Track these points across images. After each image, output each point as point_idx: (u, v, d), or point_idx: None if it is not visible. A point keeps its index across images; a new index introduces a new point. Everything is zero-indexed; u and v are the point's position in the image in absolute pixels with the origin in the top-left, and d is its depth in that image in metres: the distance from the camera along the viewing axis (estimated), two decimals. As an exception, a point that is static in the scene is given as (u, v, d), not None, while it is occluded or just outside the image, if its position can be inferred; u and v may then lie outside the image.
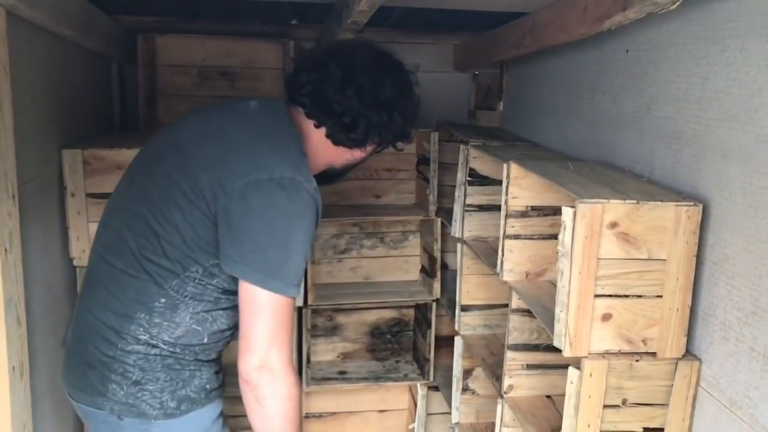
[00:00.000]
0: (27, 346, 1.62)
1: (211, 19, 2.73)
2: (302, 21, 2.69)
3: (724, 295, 1.36)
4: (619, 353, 1.43)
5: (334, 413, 2.99)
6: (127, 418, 1.47)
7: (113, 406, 1.46)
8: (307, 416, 2.92)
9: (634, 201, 1.37)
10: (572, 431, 1.44)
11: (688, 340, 1.44)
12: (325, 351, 2.97)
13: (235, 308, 1.51)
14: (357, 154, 1.62)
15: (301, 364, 2.72)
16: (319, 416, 2.98)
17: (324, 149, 1.57)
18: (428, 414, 2.89)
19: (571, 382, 1.44)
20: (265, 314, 1.37)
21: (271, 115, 1.53)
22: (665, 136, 1.59)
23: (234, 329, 1.56)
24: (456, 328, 2.41)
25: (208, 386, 1.53)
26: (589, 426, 1.43)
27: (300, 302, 2.63)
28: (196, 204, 1.39)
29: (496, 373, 2.05)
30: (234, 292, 1.45)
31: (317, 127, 1.54)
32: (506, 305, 1.87)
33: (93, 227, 2.12)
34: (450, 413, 2.50)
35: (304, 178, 1.39)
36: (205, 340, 1.50)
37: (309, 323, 2.75)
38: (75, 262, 2.13)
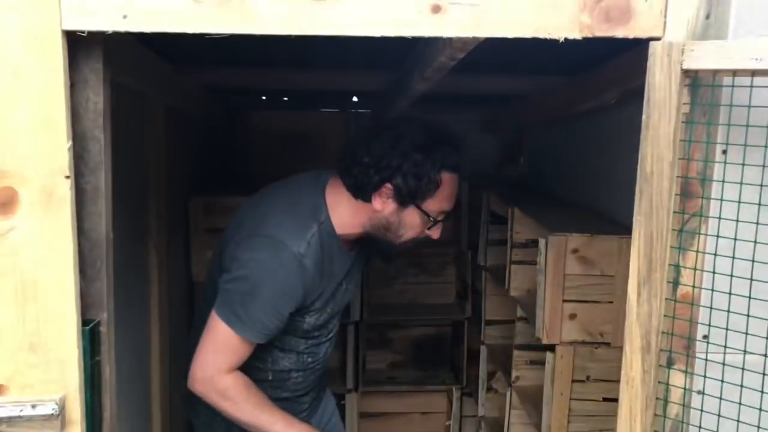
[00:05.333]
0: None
1: (291, 102, 3.51)
2: (360, 99, 3.39)
3: (655, 300, 1.93)
4: (583, 342, 1.98)
5: (385, 413, 3.53)
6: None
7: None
8: (361, 416, 3.46)
9: (589, 234, 1.96)
10: (550, 398, 2.00)
11: (634, 334, 2.01)
12: (377, 361, 3.56)
13: (292, 354, 1.70)
14: (378, 208, 1.53)
15: (357, 371, 3.30)
16: (372, 416, 3.52)
17: (354, 210, 1.56)
18: (462, 416, 3.43)
19: (548, 363, 2.01)
20: (213, 342, 1.50)
21: (305, 185, 1.61)
22: (625, 189, 2.16)
23: (297, 372, 1.73)
24: (481, 338, 2.96)
25: None
26: (561, 394, 1.99)
27: (356, 317, 3.20)
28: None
29: (509, 371, 2.61)
30: (286, 341, 1.65)
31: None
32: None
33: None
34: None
35: (294, 243, 1.47)
36: (270, 377, 1.70)
37: (365, 337, 3.36)
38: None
